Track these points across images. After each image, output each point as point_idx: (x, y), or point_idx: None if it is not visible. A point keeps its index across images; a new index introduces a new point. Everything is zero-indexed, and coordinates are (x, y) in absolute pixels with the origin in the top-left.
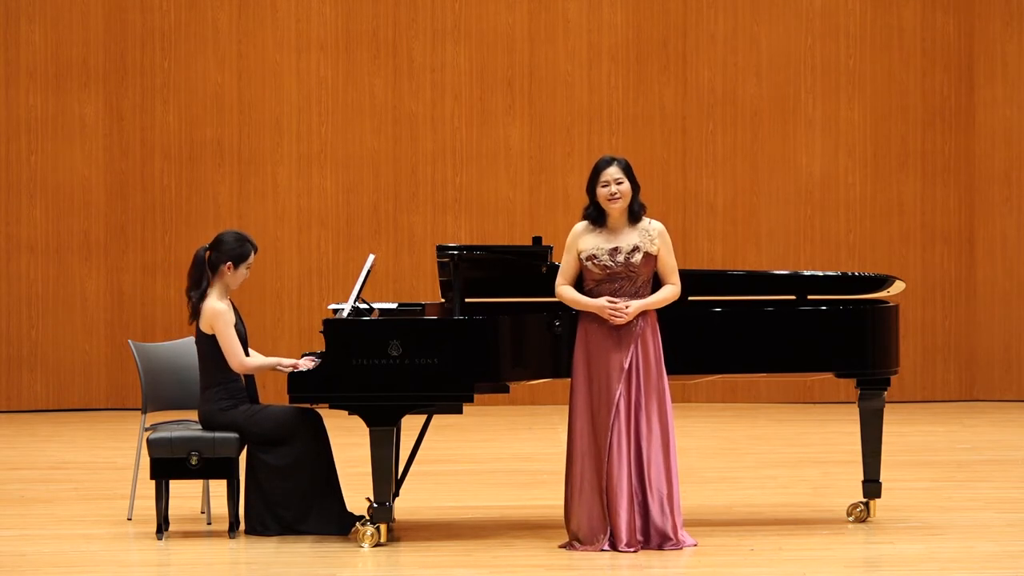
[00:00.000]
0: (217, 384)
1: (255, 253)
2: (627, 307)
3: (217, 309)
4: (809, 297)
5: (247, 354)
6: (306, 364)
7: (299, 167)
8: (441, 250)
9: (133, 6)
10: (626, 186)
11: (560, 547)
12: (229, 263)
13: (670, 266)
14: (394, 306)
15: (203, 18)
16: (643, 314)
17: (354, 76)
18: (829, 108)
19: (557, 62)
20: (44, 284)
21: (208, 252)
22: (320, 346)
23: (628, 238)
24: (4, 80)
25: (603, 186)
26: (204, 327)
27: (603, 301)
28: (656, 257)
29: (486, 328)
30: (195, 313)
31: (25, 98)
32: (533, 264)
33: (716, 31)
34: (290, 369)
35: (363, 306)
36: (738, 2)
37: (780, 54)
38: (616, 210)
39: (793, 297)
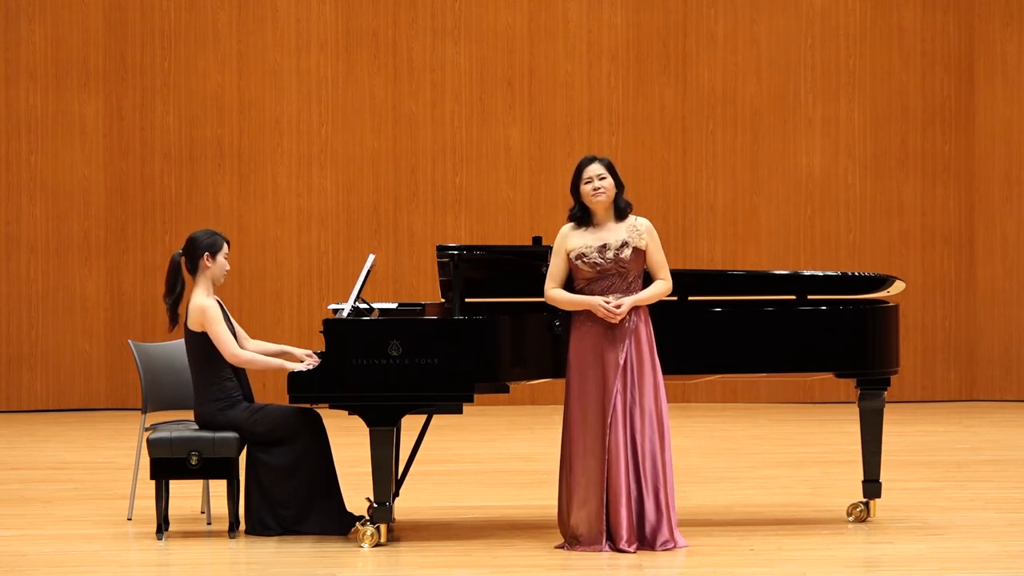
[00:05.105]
0: (210, 384)
1: (228, 245)
2: (619, 306)
3: (204, 305)
4: (809, 297)
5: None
6: (310, 363)
7: (299, 167)
8: (441, 250)
9: (133, 6)
10: (609, 182)
11: (556, 547)
12: (206, 254)
13: (659, 262)
14: (394, 306)
15: (203, 18)
16: (635, 309)
17: (354, 76)
18: (829, 108)
19: (557, 62)
20: (44, 284)
21: (183, 256)
22: (320, 346)
23: (616, 234)
24: (4, 80)
25: (586, 183)
26: (193, 325)
27: (598, 300)
28: (645, 252)
29: (486, 328)
30: (173, 319)
31: (25, 98)
32: (533, 264)
33: (716, 31)
34: (291, 368)
35: (363, 306)
36: (738, 2)
37: (780, 54)
38: (600, 206)
39: (793, 297)
